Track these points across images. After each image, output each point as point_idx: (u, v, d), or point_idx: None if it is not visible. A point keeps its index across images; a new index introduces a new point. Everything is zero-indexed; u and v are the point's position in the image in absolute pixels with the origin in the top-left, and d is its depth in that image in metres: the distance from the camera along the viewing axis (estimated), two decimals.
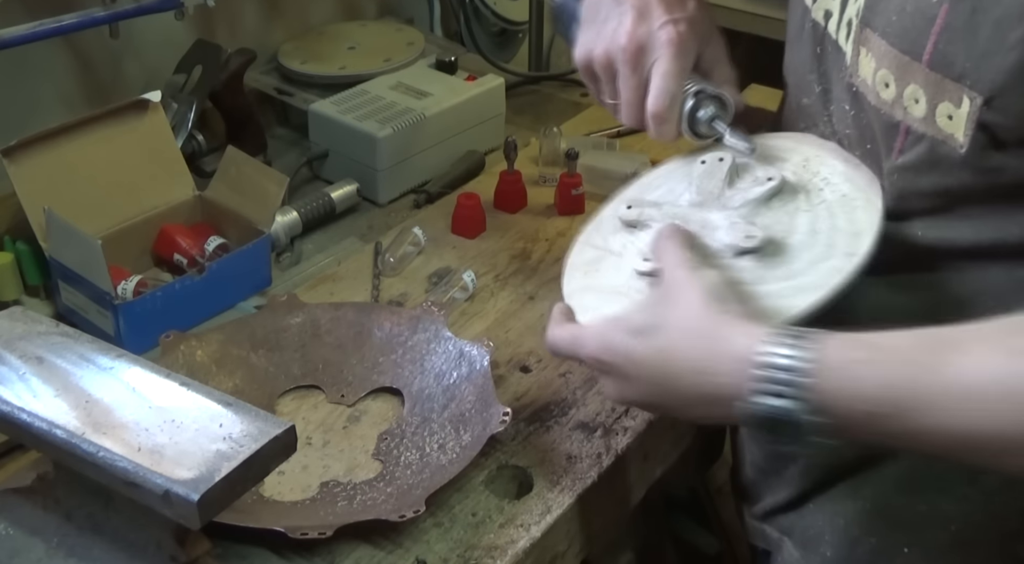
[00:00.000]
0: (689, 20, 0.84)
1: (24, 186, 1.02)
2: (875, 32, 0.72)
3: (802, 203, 0.79)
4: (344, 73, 1.39)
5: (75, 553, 0.77)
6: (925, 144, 0.70)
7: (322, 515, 0.84)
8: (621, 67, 0.85)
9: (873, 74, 0.72)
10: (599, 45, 0.86)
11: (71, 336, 0.83)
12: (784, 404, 0.63)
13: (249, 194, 1.10)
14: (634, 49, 0.83)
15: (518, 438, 0.92)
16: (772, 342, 0.64)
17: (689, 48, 0.84)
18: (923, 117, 0.69)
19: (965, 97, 0.66)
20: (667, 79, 0.83)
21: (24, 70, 1.20)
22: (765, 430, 0.65)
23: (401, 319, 1.01)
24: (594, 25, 0.88)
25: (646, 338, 0.70)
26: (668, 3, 0.84)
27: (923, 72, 0.68)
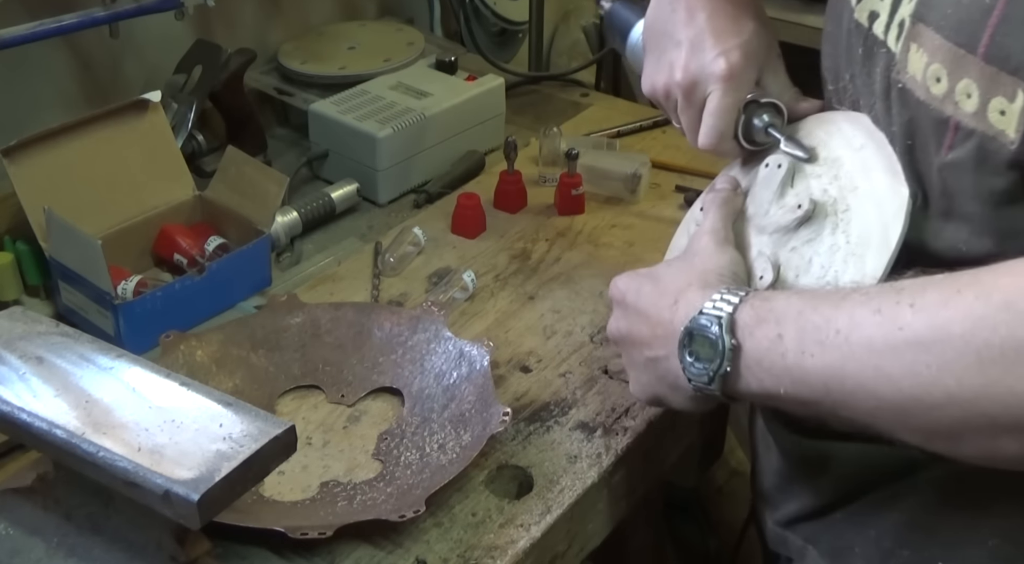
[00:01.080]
0: (742, 46, 0.85)
1: (24, 186, 1.02)
2: (929, 26, 0.71)
3: (826, 235, 0.79)
4: (344, 73, 1.39)
5: (75, 553, 0.77)
6: (975, 140, 0.69)
7: (322, 515, 0.84)
8: (678, 101, 0.87)
9: (924, 69, 0.71)
10: (659, 78, 0.89)
11: (71, 336, 0.83)
12: (711, 325, 0.71)
13: (249, 194, 1.10)
14: (688, 84, 0.86)
15: (518, 438, 0.92)
16: (728, 290, 0.73)
17: (742, 79, 0.85)
18: (974, 112, 0.68)
19: (1020, 91, 0.65)
20: (716, 117, 0.85)
21: (24, 70, 1.20)
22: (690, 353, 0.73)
23: (401, 319, 1.01)
24: (654, 56, 0.91)
25: (652, 275, 0.80)
26: (721, 31, 0.85)
27: (978, 65, 0.67)
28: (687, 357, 0.73)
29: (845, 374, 0.65)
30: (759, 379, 0.70)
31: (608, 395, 0.96)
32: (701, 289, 0.76)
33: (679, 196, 1.27)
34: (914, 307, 0.62)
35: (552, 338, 1.04)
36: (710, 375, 0.72)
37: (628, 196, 1.24)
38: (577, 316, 1.07)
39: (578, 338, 1.04)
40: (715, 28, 0.86)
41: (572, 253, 1.16)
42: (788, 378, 0.68)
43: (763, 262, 0.81)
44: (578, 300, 1.09)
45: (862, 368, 0.64)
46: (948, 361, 0.60)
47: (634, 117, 1.42)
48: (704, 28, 0.86)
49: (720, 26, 0.86)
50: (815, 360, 0.66)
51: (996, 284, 0.60)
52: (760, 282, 0.79)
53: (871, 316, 0.64)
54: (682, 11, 0.88)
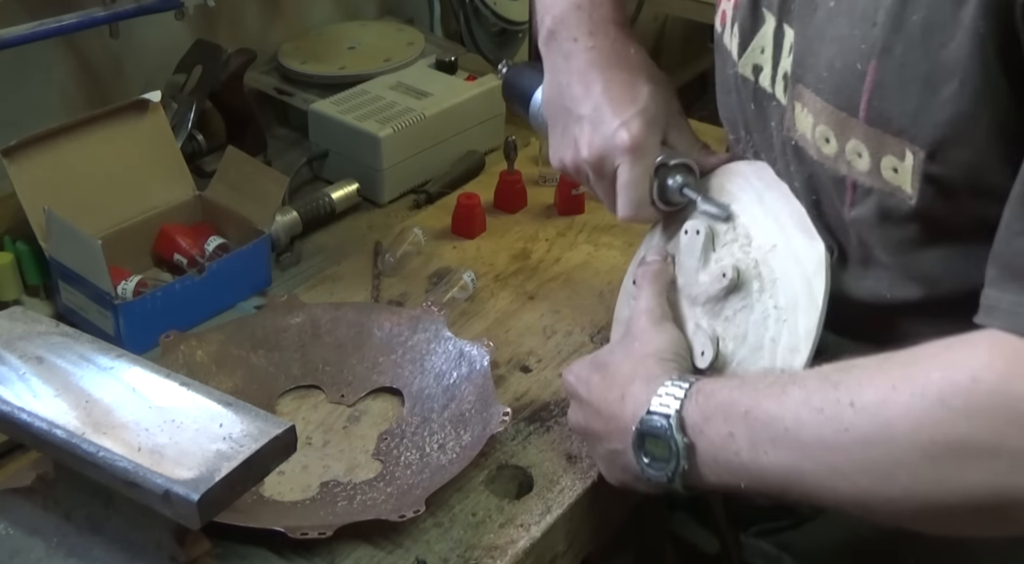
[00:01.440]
0: (642, 113, 0.84)
1: (24, 186, 1.02)
2: (808, 88, 0.71)
3: (755, 301, 0.80)
4: (344, 73, 1.39)
5: (75, 553, 0.77)
6: (874, 197, 0.70)
7: (322, 515, 0.84)
8: (590, 176, 0.87)
9: (812, 129, 0.71)
10: (567, 154, 0.89)
11: (71, 336, 0.83)
12: (661, 425, 0.72)
13: (249, 194, 1.10)
14: (595, 160, 0.86)
15: (518, 438, 0.92)
16: (676, 379, 0.74)
17: (647, 146, 0.84)
18: (868, 171, 0.69)
19: (908, 151, 0.65)
20: (629, 189, 0.85)
21: (24, 70, 1.20)
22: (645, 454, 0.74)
23: (401, 319, 1.01)
24: (557, 131, 0.90)
25: (602, 369, 0.80)
26: (618, 102, 0.85)
27: (862, 128, 0.67)
28: (643, 458, 0.74)
29: (803, 471, 0.66)
30: (717, 475, 0.71)
31: None
32: (645, 382, 0.76)
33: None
34: (855, 407, 0.63)
35: (552, 338, 1.04)
36: (668, 475, 0.72)
37: None
38: (577, 316, 1.07)
39: (578, 338, 1.04)
40: (612, 99, 0.85)
41: (572, 253, 1.16)
42: (746, 475, 0.69)
43: (702, 337, 0.81)
44: (578, 300, 1.09)
45: (817, 467, 0.65)
46: (898, 459, 0.61)
47: None
48: (601, 101, 0.85)
49: (616, 96, 0.85)
50: (770, 458, 0.67)
51: (929, 379, 0.61)
52: (702, 359, 0.80)
53: (815, 415, 0.64)
54: (576, 84, 0.87)
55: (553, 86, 0.90)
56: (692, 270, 0.84)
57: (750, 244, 0.81)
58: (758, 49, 0.77)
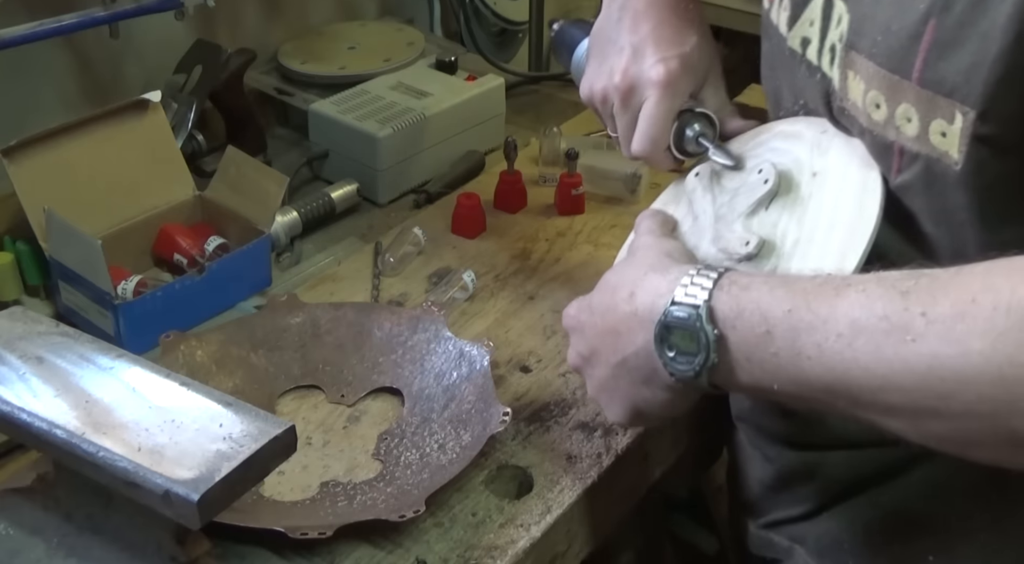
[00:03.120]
0: (682, 57, 0.85)
1: (24, 186, 1.02)
2: (861, 54, 0.71)
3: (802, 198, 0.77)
4: (344, 73, 1.39)
5: (75, 553, 0.77)
6: (920, 163, 0.69)
7: (322, 515, 0.84)
8: (615, 104, 0.88)
9: (863, 96, 0.71)
10: (599, 82, 0.90)
11: (71, 336, 0.83)
12: (689, 315, 0.66)
13: (249, 194, 1.10)
14: (625, 88, 0.86)
15: (518, 438, 0.92)
16: (702, 268, 0.68)
17: (679, 87, 0.85)
18: (916, 136, 0.68)
19: (957, 112, 0.65)
20: (650, 122, 0.85)
21: (24, 70, 1.20)
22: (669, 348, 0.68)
23: (401, 319, 1.01)
24: (596, 61, 0.91)
25: (604, 285, 0.76)
26: (663, 41, 0.86)
27: (914, 90, 0.67)
28: (667, 352, 0.69)
29: (850, 379, 0.61)
30: (749, 373, 0.66)
31: None
32: (661, 273, 0.71)
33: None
34: (926, 317, 0.58)
35: (552, 338, 1.04)
36: (696, 369, 0.67)
37: (628, 196, 1.24)
38: None
39: None
40: (658, 37, 0.86)
41: (572, 253, 1.16)
42: (783, 375, 0.64)
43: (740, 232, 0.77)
44: None
45: (869, 377, 0.60)
46: (968, 376, 0.57)
47: None
48: (647, 36, 0.87)
49: (663, 35, 0.86)
50: (813, 363, 0.62)
51: (1015, 294, 0.56)
52: (745, 247, 0.75)
53: (877, 322, 0.60)
54: (628, 19, 0.89)
55: (606, 18, 0.92)
56: (734, 213, 0.80)
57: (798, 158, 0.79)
58: (807, 22, 0.78)
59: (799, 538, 0.86)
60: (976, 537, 0.76)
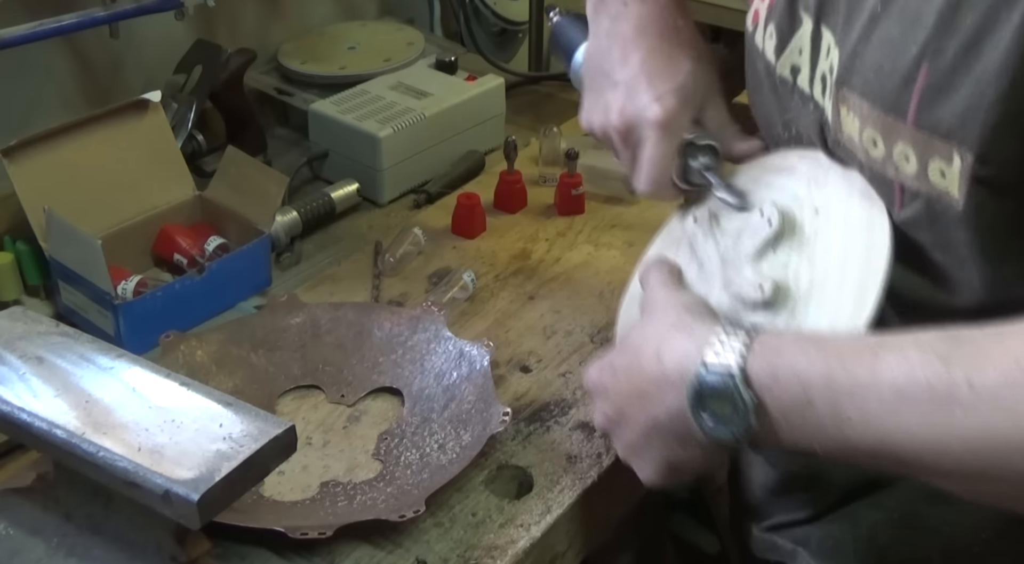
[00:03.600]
0: (678, 90, 0.83)
1: (24, 186, 1.02)
2: (854, 92, 0.70)
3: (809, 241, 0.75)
4: (344, 73, 1.39)
5: (75, 553, 0.77)
6: (922, 200, 0.69)
7: (322, 515, 0.84)
8: (615, 143, 0.87)
9: (859, 133, 0.71)
10: (596, 118, 0.88)
11: (71, 336, 0.83)
12: (724, 383, 0.65)
13: (249, 194, 1.10)
14: (623, 129, 0.85)
15: (518, 438, 0.92)
16: (727, 330, 0.67)
17: (677, 124, 0.83)
18: (915, 174, 0.68)
19: (955, 154, 0.65)
20: (651, 165, 0.84)
21: (24, 70, 1.20)
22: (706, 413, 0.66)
23: (401, 319, 1.01)
24: (592, 94, 0.89)
25: (625, 346, 0.74)
26: (656, 74, 0.84)
27: (910, 132, 0.67)
28: (703, 417, 0.67)
29: (895, 444, 0.60)
30: (790, 435, 0.65)
31: None
32: (686, 333, 0.69)
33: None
34: (973, 387, 0.57)
35: (552, 338, 1.04)
36: (735, 434, 0.66)
37: (628, 196, 1.24)
38: (577, 316, 1.07)
39: (578, 338, 1.04)
40: (650, 70, 0.84)
41: (572, 253, 1.16)
42: (825, 439, 0.63)
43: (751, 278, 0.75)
44: (578, 300, 1.09)
45: (916, 443, 0.59)
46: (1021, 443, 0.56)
47: None
48: (639, 71, 0.84)
49: (655, 67, 0.84)
50: (856, 428, 0.61)
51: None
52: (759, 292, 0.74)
53: (921, 390, 0.58)
54: (617, 50, 0.86)
55: (595, 47, 0.89)
56: (741, 257, 0.79)
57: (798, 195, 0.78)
58: (796, 50, 0.77)
59: (802, 540, 0.86)
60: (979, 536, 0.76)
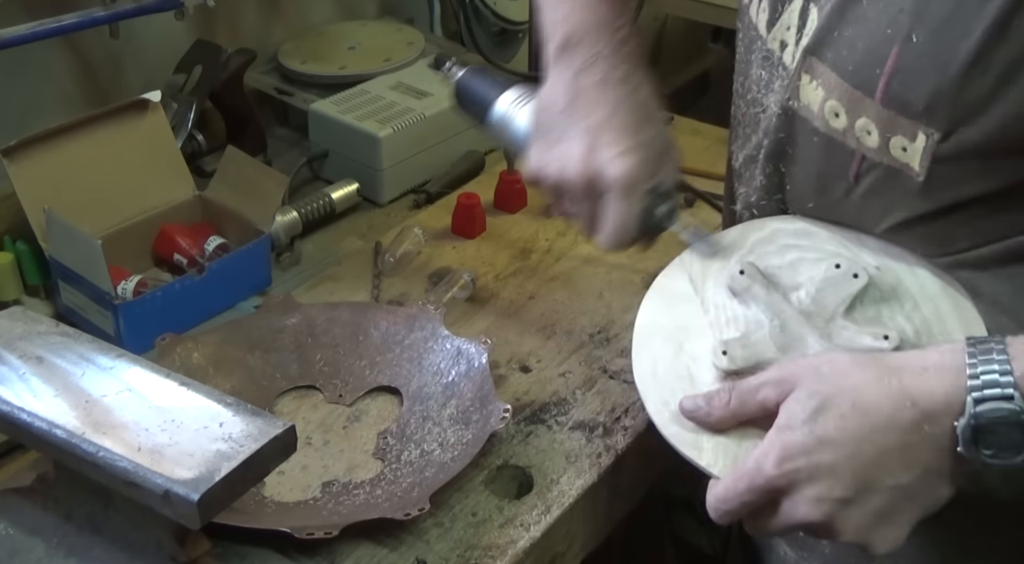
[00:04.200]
0: (642, 146, 0.82)
1: (24, 186, 1.02)
2: (823, 62, 0.71)
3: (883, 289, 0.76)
4: (344, 73, 1.39)
5: (75, 553, 0.77)
6: (881, 170, 0.70)
7: (325, 515, 0.84)
8: (573, 194, 0.84)
9: (821, 103, 0.72)
10: (551, 165, 0.85)
11: (71, 336, 0.83)
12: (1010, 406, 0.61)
13: (249, 194, 1.10)
14: (585, 180, 0.82)
15: (518, 438, 0.92)
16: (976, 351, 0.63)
17: (639, 180, 0.82)
18: (876, 148, 0.69)
19: (920, 133, 0.66)
20: (617, 222, 0.82)
21: (24, 70, 1.20)
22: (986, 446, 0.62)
23: (397, 318, 1.01)
24: (546, 141, 0.86)
25: (828, 411, 0.66)
26: (623, 129, 0.82)
27: (875, 108, 0.68)
28: (983, 452, 0.63)
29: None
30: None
31: (608, 395, 0.96)
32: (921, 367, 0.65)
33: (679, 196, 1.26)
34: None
35: (552, 338, 1.04)
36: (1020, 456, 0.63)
37: None
38: (577, 316, 1.07)
39: (578, 338, 1.04)
40: (616, 124, 0.82)
41: (572, 253, 1.16)
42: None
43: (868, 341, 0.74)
44: (578, 300, 1.09)
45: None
46: None
47: None
48: (604, 123, 0.83)
49: (622, 122, 0.83)
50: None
51: None
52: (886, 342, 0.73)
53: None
54: (581, 104, 0.84)
55: (554, 96, 0.87)
56: (828, 311, 0.77)
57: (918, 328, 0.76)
58: (785, 26, 0.78)
59: (809, 546, 0.85)
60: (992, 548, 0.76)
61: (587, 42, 0.85)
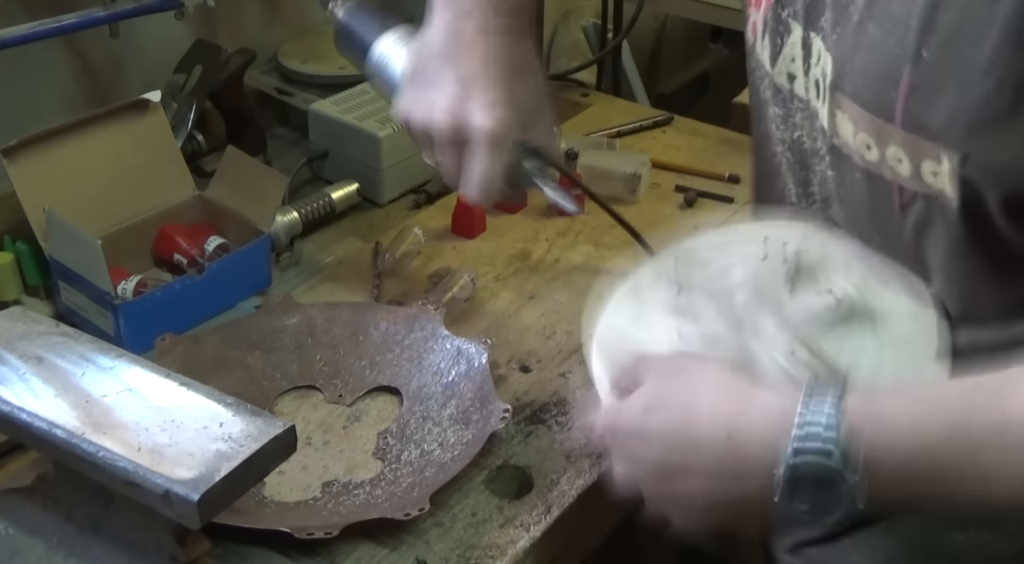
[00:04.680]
0: (511, 100, 0.81)
1: (24, 186, 1.02)
2: (845, 96, 0.71)
3: (867, 332, 0.75)
4: (344, 73, 1.39)
5: (75, 553, 0.77)
6: (921, 201, 0.69)
7: (325, 515, 0.84)
8: (437, 140, 0.84)
9: (853, 136, 0.71)
10: (418, 110, 0.85)
11: (71, 336, 0.83)
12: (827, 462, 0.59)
13: (249, 194, 1.10)
14: (450, 128, 0.82)
15: (518, 438, 0.92)
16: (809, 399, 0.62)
17: (505, 134, 0.82)
18: (910, 176, 0.68)
19: (944, 156, 0.65)
20: (482, 173, 0.82)
21: (24, 70, 1.20)
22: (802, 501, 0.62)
23: (397, 318, 1.01)
24: (418, 85, 0.86)
25: (660, 411, 0.68)
26: (491, 79, 0.82)
27: (899, 134, 0.67)
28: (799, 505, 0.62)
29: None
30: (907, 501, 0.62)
31: None
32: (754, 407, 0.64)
33: (679, 196, 1.27)
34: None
35: (552, 338, 1.04)
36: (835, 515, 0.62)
37: (628, 196, 1.24)
38: (577, 316, 1.06)
39: (578, 338, 1.03)
40: (487, 74, 0.82)
41: (572, 253, 1.16)
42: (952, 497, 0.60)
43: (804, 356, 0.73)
44: (578, 300, 1.08)
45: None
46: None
47: (634, 117, 1.42)
48: (476, 73, 0.82)
49: (492, 73, 0.82)
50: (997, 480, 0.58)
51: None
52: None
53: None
54: (457, 50, 0.84)
55: (433, 40, 0.86)
56: (774, 295, 0.78)
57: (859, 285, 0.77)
58: (789, 58, 0.77)
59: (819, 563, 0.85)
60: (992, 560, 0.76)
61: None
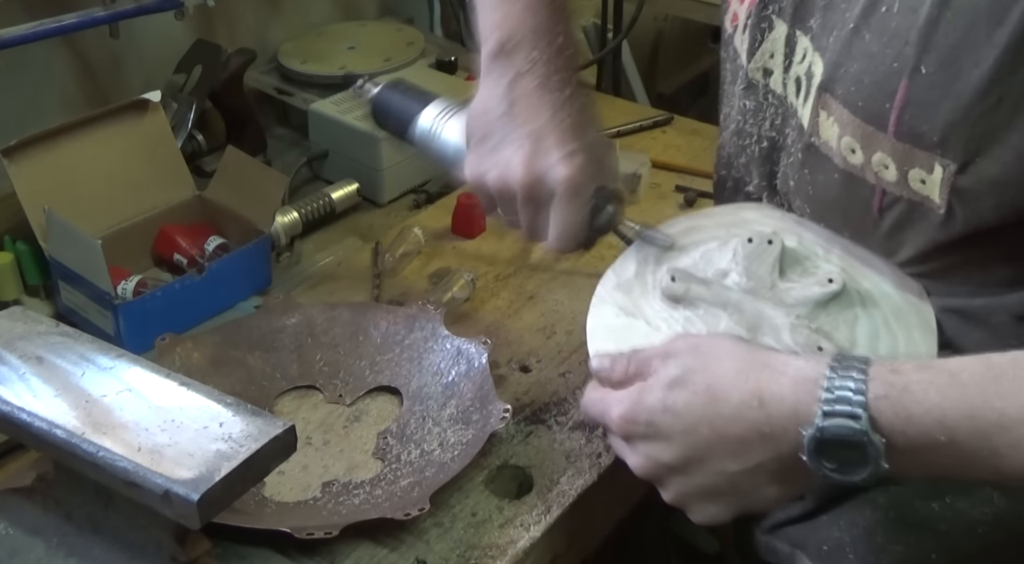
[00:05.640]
0: (586, 148, 0.82)
1: (24, 186, 1.02)
2: (836, 100, 0.71)
3: (859, 311, 0.77)
4: (344, 73, 1.39)
5: (75, 553, 0.77)
6: (903, 204, 0.70)
7: (325, 515, 0.84)
8: (519, 198, 0.83)
9: (837, 139, 0.72)
10: (493, 171, 0.84)
11: (71, 336, 0.83)
12: (855, 425, 0.61)
13: (249, 194, 1.10)
14: (531, 183, 0.82)
15: (518, 438, 0.92)
16: (838, 366, 0.63)
17: (586, 183, 0.82)
18: (896, 181, 0.69)
19: (937, 164, 0.66)
20: (566, 224, 0.83)
21: (24, 70, 1.20)
22: (828, 460, 0.63)
23: (397, 318, 1.01)
24: (484, 148, 0.86)
25: (685, 386, 0.69)
26: (565, 131, 0.82)
27: (890, 142, 0.68)
28: (825, 465, 0.64)
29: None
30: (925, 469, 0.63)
31: None
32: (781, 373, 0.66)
33: (679, 196, 1.27)
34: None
35: (552, 338, 1.04)
36: (864, 478, 0.64)
37: (628, 196, 1.24)
38: (577, 316, 1.06)
39: (578, 338, 1.04)
40: (559, 128, 0.82)
41: None
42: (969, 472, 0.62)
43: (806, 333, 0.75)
44: (578, 300, 1.09)
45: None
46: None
47: (634, 117, 1.42)
48: (546, 127, 0.82)
49: (564, 126, 0.82)
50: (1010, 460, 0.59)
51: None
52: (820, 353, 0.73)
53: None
54: (520, 110, 0.84)
55: (489, 102, 0.86)
56: (765, 279, 0.79)
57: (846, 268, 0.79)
58: (767, 53, 0.78)
59: (800, 543, 0.85)
60: (975, 531, 0.77)
61: (524, 47, 0.84)
